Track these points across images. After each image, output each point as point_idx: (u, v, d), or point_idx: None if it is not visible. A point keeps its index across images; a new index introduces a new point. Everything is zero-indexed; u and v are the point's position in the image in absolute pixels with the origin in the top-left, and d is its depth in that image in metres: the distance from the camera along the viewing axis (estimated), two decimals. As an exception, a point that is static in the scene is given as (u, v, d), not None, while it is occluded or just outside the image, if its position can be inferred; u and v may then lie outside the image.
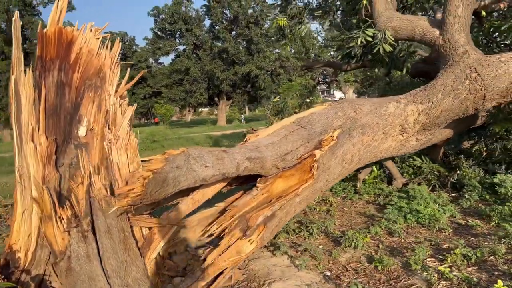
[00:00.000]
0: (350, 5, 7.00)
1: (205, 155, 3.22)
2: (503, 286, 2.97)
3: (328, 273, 3.92)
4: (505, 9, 5.95)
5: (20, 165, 3.59)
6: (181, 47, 47.92)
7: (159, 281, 3.49)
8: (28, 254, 3.46)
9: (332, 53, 46.78)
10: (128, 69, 4.65)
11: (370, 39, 5.84)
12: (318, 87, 53.70)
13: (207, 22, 46.34)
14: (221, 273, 3.55)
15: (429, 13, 7.81)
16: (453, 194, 6.33)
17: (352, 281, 3.59)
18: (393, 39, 5.84)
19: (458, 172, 6.63)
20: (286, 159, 3.74)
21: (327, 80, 56.24)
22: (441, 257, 3.98)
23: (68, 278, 3.02)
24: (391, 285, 3.52)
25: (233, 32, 45.48)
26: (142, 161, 3.25)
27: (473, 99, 5.02)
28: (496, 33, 6.71)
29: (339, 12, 7.56)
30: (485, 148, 7.64)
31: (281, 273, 3.81)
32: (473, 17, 6.09)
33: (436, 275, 3.52)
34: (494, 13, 6.63)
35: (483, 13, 6.31)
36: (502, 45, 6.95)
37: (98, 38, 4.36)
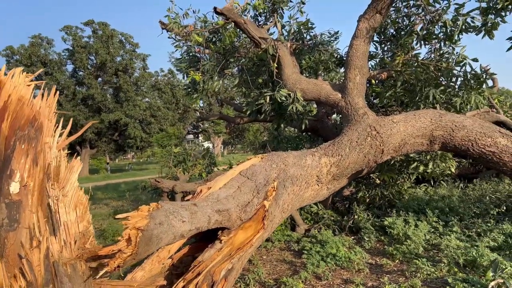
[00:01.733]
0: (257, 66, 7.64)
1: (180, 210, 3.18)
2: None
3: (280, 321, 4.06)
4: (385, 78, 7.25)
5: None
6: (37, 91, 43.81)
7: None
8: None
9: (201, 104, 48.32)
10: (71, 119, 4.29)
11: (284, 98, 6.47)
12: (186, 137, 54.37)
13: (69, 67, 43.51)
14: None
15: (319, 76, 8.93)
16: (353, 237, 7.11)
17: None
18: (303, 99, 6.57)
19: (356, 216, 7.51)
20: (246, 210, 3.89)
21: (195, 131, 57.44)
22: (372, 294, 4.49)
23: None
24: (342, 325, 3.83)
25: (100, 79, 43.67)
26: (116, 218, 3.04)
27: (374, 153, 5.90)
28: (376, 97, 8.09)
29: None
30: (367, 195, 8.82)
31: (240, 326, 3.82)
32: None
33: (378, 310, 3.97)
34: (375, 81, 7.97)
35: (373, 81, 7.59)
36: (378, 107, 8.36)
37: (29, 85, 4.02)
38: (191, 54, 8.06)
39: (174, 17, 6.99)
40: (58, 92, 4.15)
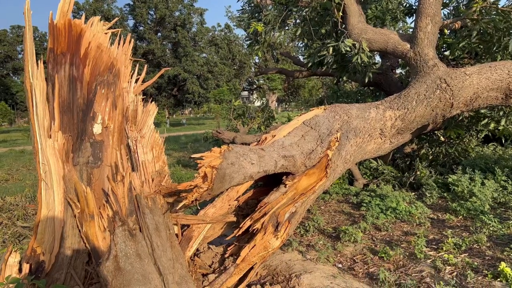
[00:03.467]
0: (321, 16, 7.44)
1: (249, 153, 3.32)
2: (506, 267, 3.49)
3: (340, 265, 4.20)
4: (458, 28, 6.79)
5: (43, 162, 3.36)
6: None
7: (194, 278, 3.49)
8: (51, 257, 3.26)
9: (257, 59, 48.00)
10: (146, 66, 4.53)
11: (348, 49, 6.30)
12: (240, 94, 54.72)
13: (130, 22, 44.72)
14: (251, 268, 3.65)
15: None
16: (414, 193, 7.01)
17: (363, 270, 3.91)
18: (368, 50, 6.36)
19: (418, 173, 7.36)
20: (311, 157, 3.96)
21: (250, 87, 57.48)
22: (434, 246, 4.48)
23: (117, 278, 2.90)
24: (403, 273, 3.90)
25: (159, 34, 44.55)
26: (192, 157, 3.24)
27: (442, 106, 5.67)
28: (447, 49, 7.64)
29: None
30: (430, 152, 8.56)
31: (302, 267, 4.01)
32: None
33: (440, 262, 3.97)
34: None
35: (446, 31, 7.15)
36: (449, 59, 7.89)
37: (106, 33, 4.23)
38: (253, 4, 7.97)
39: (237, -34, 6.90)
40: (132, 40, 4.35)
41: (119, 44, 4.17)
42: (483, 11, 6.26)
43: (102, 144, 3.81)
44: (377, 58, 9.93)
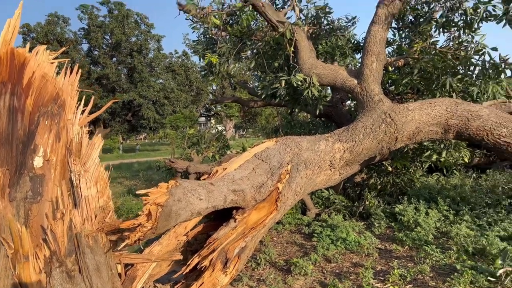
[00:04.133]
0: (274, 50, 7.65)
1: (198, 188, 3.28)
2: None
3: (290, 300, 4.19)
4: (401, 66, 7.22)
5: (-24, 200, 3.14)
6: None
7: (138, 320, 3.34)
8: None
9: (214, 87, 48.31)
10: (93, 97, 4.41)
11: (299, 83, 6.49)
12: (198, 120, 54.59)
13: (85, 46, 43.75)
14: (199, 306, 3.55)
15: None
16: (363, 223, 7.18)
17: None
18: (318, 84, 6.58)
19: (366, 203, 7.57)
20: (261, 191, 3.98)
21: (207, 113, 57.48)
22: (381, 278, 4.58)
23: (53, 324, 2.73)
24: (351, 305, 3.94)
25: (114, 59, 43.87)
26: (136, 194, 3.15)
27: (387, 140, 5.92)
28: (392, 84, 8.06)
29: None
30: (379, 182, 8.85)
31: (251, 303, 3.95)
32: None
33: (386, 293, 4.06)
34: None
35: (390, 68, 7.55)
36: (394, 94, 8.32)
37: (52, 63, 4.12)
38: (208, 36, 8.07)
39: (192, -2, 7.00)
40: (80, 71, 4.25)
41: (65, 74, 4.06)
42: (423, 51, 6.68)
43: (43, 178, 3.64)
44: (328, 91, 10.27)
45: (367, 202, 7.64)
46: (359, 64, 8.20)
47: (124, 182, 14.66)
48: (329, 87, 9.50)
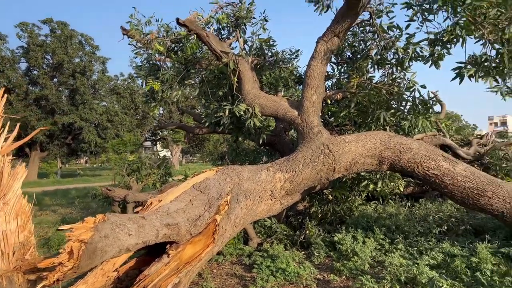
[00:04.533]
0: (218, 79, 7.70)
1: (127, 223, 3.15)
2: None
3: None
4: (340, 99, 7.54)
5: None
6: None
7: None
8: None
9: (161, 111, 47.68)
10: (18, 124, 4.13)
11: (242, 113, 6.55)
12: (143, 144, 53.36)
13: (23, 65, 41.59)
14: None
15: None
16: (303, 252, 7.23)
17: None
18: (260, 114, 6.68)
19: (307, 232, 7.65)
20: (197, 224, 3.88)
21: (153, 138, 56.36)
22: (318, 309, 4.59)
23: None
24: None
25: (55, 79, 42.08)
26: (59, 229, 2.96)
27: (326, 170, 6.08)
28: (331, 116, 8.38)
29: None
30: (320, 210, 9.03)
31: None
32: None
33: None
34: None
35: (328, 101, 7.84)
36: (333, 125, 8.63)
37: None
38: (151, 62, 8.01)
39: (136, 23, 6.94)
40: (6, 95, 4.01)
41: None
42: (360, 85, 7.03)
43: (-43, 211, 3.33)
44: (273, 120, 10.45)
45: (307, 231, 7.73)
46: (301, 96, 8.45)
47: (58, 210, 13.81)
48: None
